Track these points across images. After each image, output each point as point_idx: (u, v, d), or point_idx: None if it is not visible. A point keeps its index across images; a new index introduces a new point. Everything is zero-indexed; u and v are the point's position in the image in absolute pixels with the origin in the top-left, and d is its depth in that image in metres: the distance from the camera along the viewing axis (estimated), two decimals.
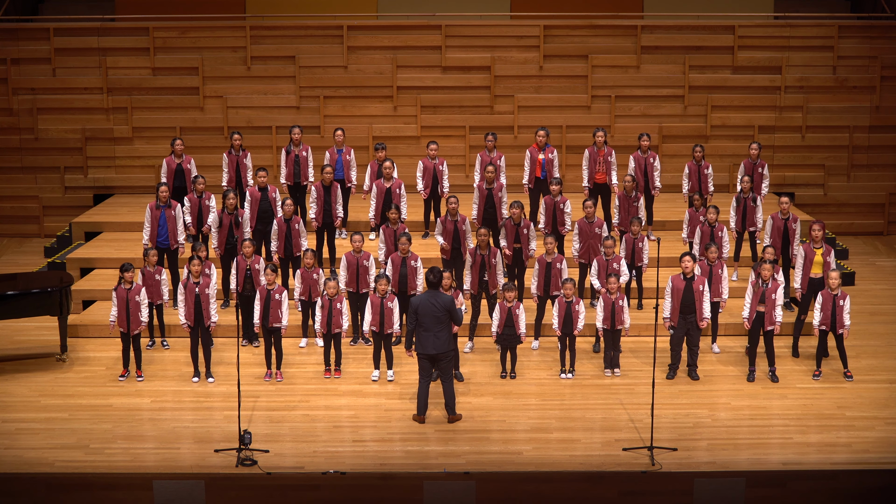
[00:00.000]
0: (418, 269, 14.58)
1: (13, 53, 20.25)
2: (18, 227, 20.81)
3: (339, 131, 17.68)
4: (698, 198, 16.40)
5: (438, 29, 20.39)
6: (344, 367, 14.47)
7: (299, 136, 17.63)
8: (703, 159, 17.48)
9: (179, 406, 13.49)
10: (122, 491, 11.78)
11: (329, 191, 16.47)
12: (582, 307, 14.20)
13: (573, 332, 14.18)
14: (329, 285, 14.08)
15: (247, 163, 17.50)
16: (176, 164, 17.38)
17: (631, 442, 12.47)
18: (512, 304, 13.99)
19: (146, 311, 14.14)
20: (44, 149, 20.54)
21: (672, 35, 20.46)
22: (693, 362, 14.25)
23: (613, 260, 14.81)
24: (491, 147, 17.55)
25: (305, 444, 12.49)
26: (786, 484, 11.84)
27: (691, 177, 17.43)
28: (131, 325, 14.03)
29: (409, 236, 14.66)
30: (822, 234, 14.83)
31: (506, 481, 11.82)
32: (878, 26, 20.55)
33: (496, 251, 14.86)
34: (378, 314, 13.93)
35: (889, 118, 20.69)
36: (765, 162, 17.40)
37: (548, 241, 14.82)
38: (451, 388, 13.03)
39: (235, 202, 15.71)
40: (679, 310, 14.01)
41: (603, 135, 17.40)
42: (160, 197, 15.81)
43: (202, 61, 20.34)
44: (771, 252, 14.23)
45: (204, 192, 16.40)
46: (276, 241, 15.65)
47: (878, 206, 20.99)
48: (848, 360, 14.25)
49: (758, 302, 13.99)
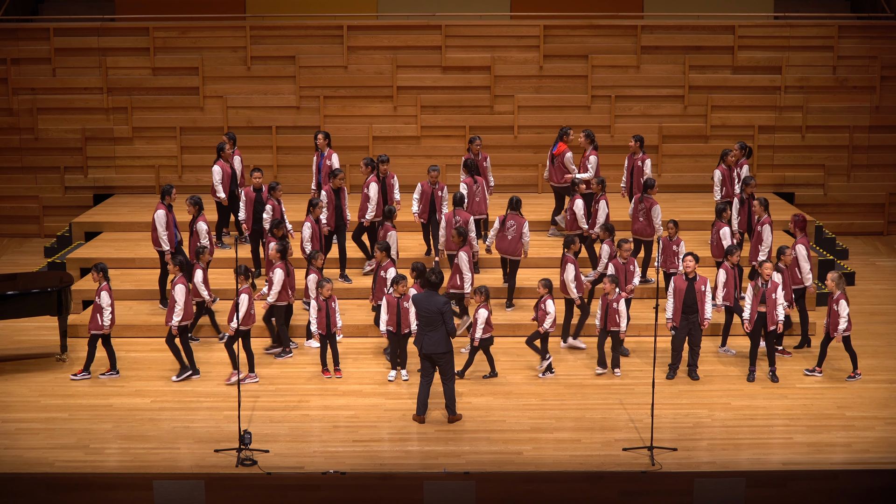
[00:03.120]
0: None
1: (13, 53, 20.25)
2: (18, 227, 20.81)
3: (321, 135, 17.62)
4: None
5: (438, 29, 20.39)
6: (344, 367, 14.47)
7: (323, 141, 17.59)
8: (735, 163, 17.50)
9: (179, 406, 13.49)
10: (122, 491, 11.78)
11: (338, 194, 16.36)
12: (622, 305, 14.24)
13: (615, 329, 14.22)
14: (325, 287, 14.09)
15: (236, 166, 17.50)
16: (229, 167, 17.41)
17: (631, 442, 12.47)
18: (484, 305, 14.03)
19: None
20: (44, 149, 20.54)
21: (672, 35, 20.46)
22: (694, 362, 14.25)
23: (629, 263, 14.74)
24: (476, 150, 17.46)
25: (305, 444, 12.49)
26: (786, 484, 11.84)
27: (724, 182, 17.34)
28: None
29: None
30: (797, 230, 15.17)
31: (506, 481, 11.83)
32: (878, 26, 20.55)
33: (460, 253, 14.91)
34: (395, 314, 13.91)
35: (889, 118, 20.69)
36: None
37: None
38: (452, 389, 13.03)
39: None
40: (681, 310, 14.02)
41: (585, 137, 17.55)
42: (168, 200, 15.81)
43: (202, 61, 20.34)
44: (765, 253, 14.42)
45: (262, 185, 16.44)
46: (327, 211, 16.01)
47: (878, 206, 20.99)
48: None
49: (759, 303, 14.00)
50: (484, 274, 16.70)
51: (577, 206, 16.32)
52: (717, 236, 15.57)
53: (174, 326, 13.94)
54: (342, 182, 16.40)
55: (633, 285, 14.68)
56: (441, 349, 12.88)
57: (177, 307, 13.93)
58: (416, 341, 13.07)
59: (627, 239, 14.77)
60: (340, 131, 20.30)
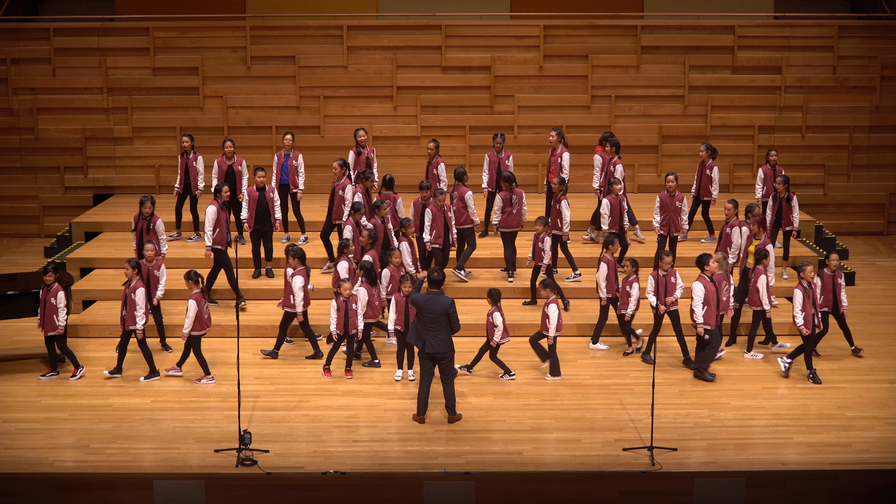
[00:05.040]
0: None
1: (13, 53, 20.25)
2: (18, 227, 20.81)
3: (289, 135, 17.63)
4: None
5: (438, 29, 20.39)
6: (343, 367, 14.46)
7: (364, 138, 17.56)
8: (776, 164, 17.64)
9: (179, 406, 13.49)
10: (122, 491, 11.78)
11: (337, 195, 16.35)
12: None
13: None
14: (344, 286, 14.07)
15: (241, 169, 17.48)
16: (227, 166, 17.38)
17: (631, 442, 12.47)
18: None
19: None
20: (44, 149, 20.54)
21: (672, 35, 20.46)
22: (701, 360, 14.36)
23: (669, 274, 14.41)
24: (499, 148, 17.58)
25: (305, 444, 12.49)
26: (786, 484, 11.84)
27: (766, 181, 17.42)
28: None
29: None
30: (758, 228, 15.18)
31: (506, 481, 11.82)
32: (878, 26, 20.55)
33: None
34: (403, 314, 13.91)
35: (889, 118, 20.69)
36: (714, 164, 17.53)
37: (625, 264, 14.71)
38: (452, 389, 13.03)
39: (151, 210, 15.63)
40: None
41: (555, 135, 17.57)
42: (222, 198, 15.78)
43: (202, 61, 20.34)
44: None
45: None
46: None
47: (878, 206, 20.99)
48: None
49: (811, 304, 14.03)
50: (484, 273, 16.72)
51: (604, 206, 16.42)
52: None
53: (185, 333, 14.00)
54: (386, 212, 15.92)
55: (673, 297, 14.34)
56: (446, 349, 12.89)
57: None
58: (416, 341, 13.03)
59: (668, 251, 14.70)
60: (340, 131, 20.31)
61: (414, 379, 14.12)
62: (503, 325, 13.89)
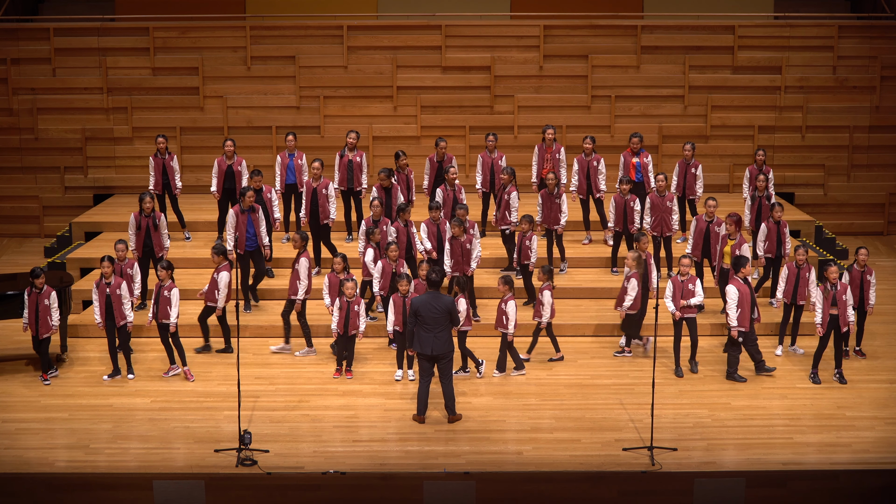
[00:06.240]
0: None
1: (13, 53, 20.25)
2: (18, 227, 20.81)
3: (291, 136, 17.59)
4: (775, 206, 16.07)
5: (438, 29, 20.39)
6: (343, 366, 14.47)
7: (355, 140, 17.47)
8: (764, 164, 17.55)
9: (179, 406, 13.49)
10: (122, 491, 11.78)
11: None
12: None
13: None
14: (347, 286, 14.07)
15: (241, 169, 17.46)
16: (227, 166, 17.35)
17: (631, 442, 12.47)
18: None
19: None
20: (44, 149, 20.54)
21: (672, 35, 20.46)
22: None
23: (689, 281, 14.30)
24: (492, 147, 17.58)
25: (305, 444, 12.49)
26: (786, 484, 11.84)
27: (752, 181, 17.37)
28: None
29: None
30: (735, 228, 15.13)
31: (506, 481, 11.83)
32: (878, 26, 20.55)
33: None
34: (401, 314, 13.91)
35: (889, 118, 20.69)
36: (699, 163, 17.55)
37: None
38: (451, 389, 13.03)
39: (152, 205, 15.71)
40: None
41: (553, 132, 17.64)
42: (245, 202, 15.66)
43: (202, 61, 20.34)
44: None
45: (263, 186, 16.42)
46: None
47: (878, 206, 20.99)
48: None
49: (829, 305, 14.00)
50: (484, 272, 16.73)
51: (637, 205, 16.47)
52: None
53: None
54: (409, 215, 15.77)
55: (687, 303, 14.21)
56: (448, 349, 12.90)
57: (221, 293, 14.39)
58: (418, 343, 12.96)
59: (687, 254, 14.55)
60: (340, 131, 20.31)
61: (414, 379, 14.12)
62: (551, 305, 14.27)
